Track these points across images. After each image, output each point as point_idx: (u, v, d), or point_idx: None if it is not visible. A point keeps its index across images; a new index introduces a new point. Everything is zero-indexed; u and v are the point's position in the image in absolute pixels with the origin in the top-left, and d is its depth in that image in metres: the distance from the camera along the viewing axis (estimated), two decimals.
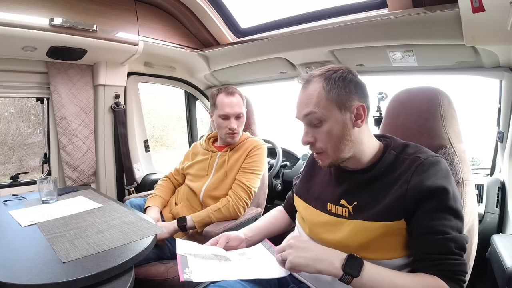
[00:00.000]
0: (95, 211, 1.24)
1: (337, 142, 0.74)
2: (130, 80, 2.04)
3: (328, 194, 0.82)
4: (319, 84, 0.74)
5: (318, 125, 0.75)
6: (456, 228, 0.67)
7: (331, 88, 0.73)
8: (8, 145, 2.65)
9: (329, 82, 0.74)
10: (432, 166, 0.69)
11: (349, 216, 0.75)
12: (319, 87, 0.74)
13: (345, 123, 0.74)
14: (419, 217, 0.67)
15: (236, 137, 1.41)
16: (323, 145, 0.76)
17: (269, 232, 1.01)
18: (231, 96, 1.38)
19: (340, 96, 0.73)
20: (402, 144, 0.78)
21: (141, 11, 1.73)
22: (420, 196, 0.67)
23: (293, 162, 2.10)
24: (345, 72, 0.75)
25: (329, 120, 0.74)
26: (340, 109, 0.73)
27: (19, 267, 0.78)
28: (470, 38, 1.07)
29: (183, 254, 0.79)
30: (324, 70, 0.76)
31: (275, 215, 1.06)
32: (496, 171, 1.47)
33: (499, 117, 1.38)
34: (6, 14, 1.28)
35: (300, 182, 0.95)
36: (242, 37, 1.85)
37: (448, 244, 0.65)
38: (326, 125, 0.74)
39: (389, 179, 0.72)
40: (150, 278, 1.15)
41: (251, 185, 1.35)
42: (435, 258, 0.66)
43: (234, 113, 1.38)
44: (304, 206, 0.87)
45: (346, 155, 0.76)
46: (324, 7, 1.53)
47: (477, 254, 0.84)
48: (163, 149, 4.21)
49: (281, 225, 1.04)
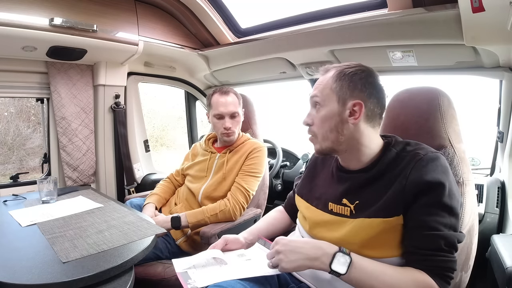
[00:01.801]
0: (95, 211, 1.24)
1: (327, 131, 0.78)
2: (130, 80, 2.04)
3: (330, 194, 0.82)
4: (331, 74, 0.79)
5: (317, 109, 0.80)
6: (449, 225, 0.67)
7: (337, 80, 0.77)
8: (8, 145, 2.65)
9: (339, 75, 0.77)
10: (431, 162, 0.70)
11: (351, 215, 0.75)
12: (330, 77, 0.79)
13: (340, 115, 0.76)
14: (414, 211, 0.68)
15: (231, 136, 1.40)
16: (316, 129, 0.80)
17: (269, 233, 1.01)
18: (225, 96, 1.38)
19: (342, 90, 0.76)
20: (403, 142, 0.78)
21: (141, 11, 1.73)
22: (418, 189, 0.68)
23: (293, 162, 2.10)
24: (359, 71, 0.77)
25: (325, 107, 0.78)
26: (338, 102, 0.76)
27: (19, 267, 0.78)
28: (470, 38, 1.07)
29: (182, 271, 0.79)
30: (343, 64, 0.80)
31: (275, 216, 1.06)
32: (496, 171, 1.47)
33: (499, 117, 1.38)
34: (6, 14, 1.28)
35: (302, 182, 0.95)
36: (242, 37, 1.85)
37: (437, 241, 0.66)
38: (322, 111, 0.78)
39: (390, 176, 0.73)
40: (148, 278, 1.15)
41: (250, 188, 1.34)
42: (423, 253, 0.66)
43: (228, 112, 1.37)
44: (306, 205, 0.87)
45: (335, 147, 0.78)
46: (324, 7, 1.53)
47: (477, 254, 0.84)
48: (163, 149, 4.21)
49: (281, 226, 1.04)
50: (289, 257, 0.70)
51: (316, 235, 0.81)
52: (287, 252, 0.70)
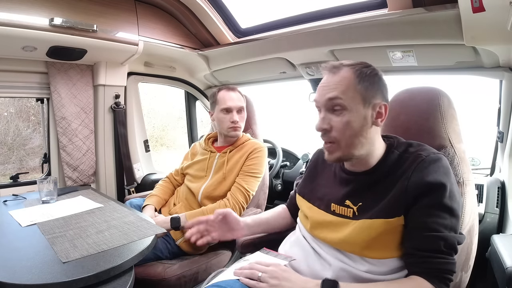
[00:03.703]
0: (95, 211, 1.24)
1: (352, 136, 0.73)
2: (130, 80, 2.03)
3: (332, 194, 0.81)
4: (349, 73, 0.73)
5: (338, 113, 0.73)
6: (450, 226, 0.67)
7: (361, 80, 0.72)
8: (8, 145, 2.65)
9: (360, 74, 0.73)
10: (433, 163, 0.70)
11: (353, 217, 0.75)
12: (350, 76, 0.73)
13: (365, 118, 0.73)
14: (415, 212, 0.68)
15: (238, 130, 1.41)
16: (337, 135, 0.73)
17: (270, 226, 1.02)
18: (232, 91, 1.42)
19: (368, 90, 0.73)
20: (405, 143, 0.78)
21: (141, 11, 1.73)
22: (419, 191, 0.67)
23: (293, 162, 2.10)
24: (375, 70, 0.76)
25: (351, 111, 0.72)
26: (364, 103, 0.72)
27: (19, 267, 0.78)
28: (470, 38, 1.07)
29: None
30: (354, 63, 0.75)
31: (279, 212, 1.07)
32: (496, 171, 1.47)
33: (499, 117, 1.38)
34: (6, 14, 1.28)
35: (303, 182, 0.95)
36: (242, 37, 1.85)
37: (437, 242, 0.66)
38: (347, 115, 0.72)
39: (393, 178, 0.73)
40: (148, 278, 1.15)
41: (250, 189, 1.35)
42: (422, 255, 0.66)
43: (236, 106, 1.40)
44: (308, 205, 0.87)
45: (356, 153, 0.74)
46: (324, 7, 1.53)
47: (477, 254, 0.84)
48: (163, 149, 4.21)
49: (282, 222, 1.05)
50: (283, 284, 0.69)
51: (318, 235, 0.81)
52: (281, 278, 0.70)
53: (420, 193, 0.67)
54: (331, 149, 0.76)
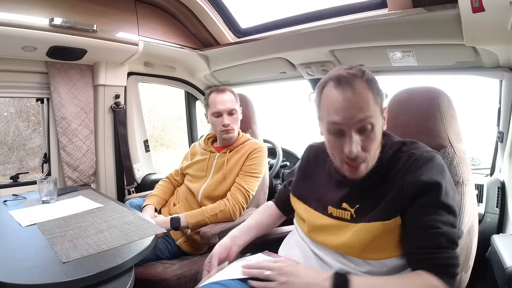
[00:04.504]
0: (95, 211, 1.24)
1: (377, 148, 0.71)
2: (130, 80, 2.03)
3: (329, 197, 0.80)
4: (362, 84, 0.67)
5: (369, 132, 0.68)
6: (448, 222, 0.67)
7: (373, 88, 0.68)
8: (8, 145, 2.65)
9: (371, 83, 0.68)
10: (426, 162, 0.69)
11: (351, 220, 0.74)
12: (365, 88, 0.67)
13: (382, 127, 0.72)
14: (413, 212, 0.68)
15: (231, 133, 1.40)
16: (369, 155, 0.69)
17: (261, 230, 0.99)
18: (222, 94, 1.40)
19: (382, 99, 0.71)
20: (399, 142, 0.77)
21: (141, 11, 1.73)
22: (415, 191, 0.67)
23: (293, 162, 2.10)
24: (371, 74, 0.71)
25: (377, 124, 0.69)
26: (381, 113, 0.71)
27: (19, 267, 0.78)
28: (470, 38, 1.07)
29: None
30: (356, 69, 0.70)
31: (268, 214, 1.04)
32: (496, 171, 1.47)
33: (499, 117, 1.38)
34: (6, 14, 1.28)
35: (297, 182, 0.93)
36: (242, 37, 1.85)
37: (438, 238, 0.65)
38: (375, 131, 0.68)
39: (388, 179, 0.72)
40: (148, 278, 1.15)
41: (250, 189, 1.34)
42: (425, 251, 0.66)
43: (226, 109, 1.38)
44: (304, 208, 0.86)
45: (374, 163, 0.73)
46: (324, 7, 1.53)
47: (477, 254, 0.84)
48: (163, 149, 4.21)
49: (270, 222, 1.03)
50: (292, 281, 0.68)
51: (316, 239, 0.80)
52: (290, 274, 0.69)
53: (415, 193, 0.67)
54: (360, 169, 0.71)
